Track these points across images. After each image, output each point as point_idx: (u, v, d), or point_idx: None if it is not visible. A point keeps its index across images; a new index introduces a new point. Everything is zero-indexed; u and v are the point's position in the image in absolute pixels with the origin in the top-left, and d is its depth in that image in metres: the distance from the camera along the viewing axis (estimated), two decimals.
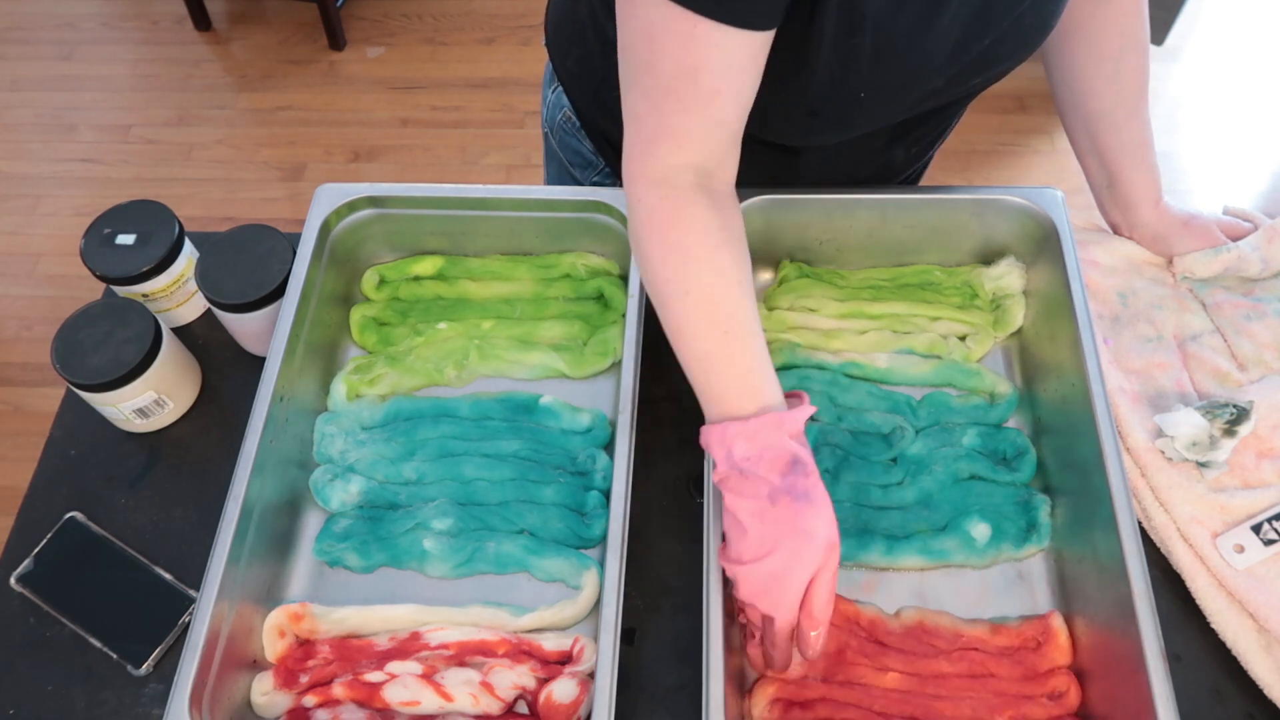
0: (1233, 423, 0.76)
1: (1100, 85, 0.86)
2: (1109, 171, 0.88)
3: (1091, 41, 0.85)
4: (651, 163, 0.67)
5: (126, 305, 0.83)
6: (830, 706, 0.70)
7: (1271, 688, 0.70)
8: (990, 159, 2.20)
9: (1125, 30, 0.83)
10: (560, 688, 0.69)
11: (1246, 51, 2.38)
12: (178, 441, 0.86)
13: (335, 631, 0.74)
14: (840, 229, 0.88)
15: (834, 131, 0.77)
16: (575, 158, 1.02)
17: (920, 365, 0.86)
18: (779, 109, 0.74)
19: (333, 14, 2.37)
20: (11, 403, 1.88)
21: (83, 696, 0.74)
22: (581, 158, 1.01)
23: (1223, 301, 0.88)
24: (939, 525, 0.78)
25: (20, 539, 0.81)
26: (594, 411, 0.84)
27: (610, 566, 0.68)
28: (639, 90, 0.66)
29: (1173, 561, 0.76)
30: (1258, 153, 2.19)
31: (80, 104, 2.37)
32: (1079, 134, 0.90)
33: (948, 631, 0.73)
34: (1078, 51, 0.86)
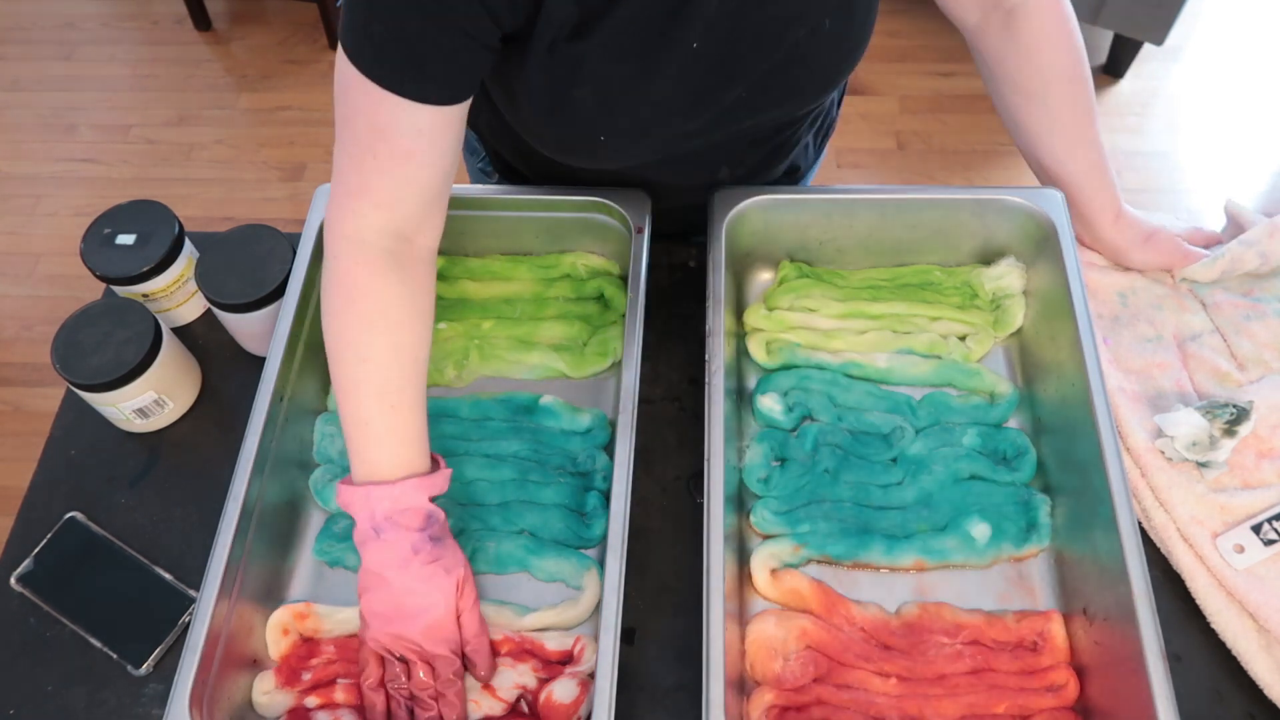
0: (1232, 423, 0.76)
1: (1031, 121, 0.86)
2: (1064, 192, 0.86)
3: (1010, 81, 0.85)
4: (350, 220, 0.69)
5: (126, 305, 0.83)
6: (829, 710, 0.70)
7: (1271, 688, 0.70)
8: (990, 159, 2.20)
9: (1044, 67, 0.83)
10: (560, 688, 0.69)
11: (1246, 51, 2.38)
12: (178, 441, 0.86)
13: (339, 631, 0.74)
14: (840, 229, 0.88)
15: (598, 162, 0.78)
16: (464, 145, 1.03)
17: (920, 365, 0.86)
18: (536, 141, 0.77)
19: (333, 14, 2.37)
20: (11, 403, 1.88)
21: (83, 696, 0.74)
22: (467, 144, 1.03)
23: (1222, 301, 0.88)
24: (939, 525, 0.78)
25: (20, 539, 0.81)
26: (594, 412, 0.84)
27: (610, 566, 0.68)
28: (342, 145, 0.68)
29: (1173, 561, 0.76)
30: (1258, 153, 2.19)
31: (80, 104, 2.37)
32: (1036, 168, 0.90)
33: (948, 623, 0.73)
34: (1001, 90, 0.87)
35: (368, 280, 0.69)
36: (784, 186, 0.85)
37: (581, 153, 0.76)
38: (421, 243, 0.72)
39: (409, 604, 0.68)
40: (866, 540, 0.76)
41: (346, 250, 0.69)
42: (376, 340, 0.69)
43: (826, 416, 0.83)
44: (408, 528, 0.68)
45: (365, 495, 0.68)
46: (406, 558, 0.67)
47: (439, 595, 0.68)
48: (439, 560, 0.68)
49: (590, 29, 0.66)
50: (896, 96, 2.31)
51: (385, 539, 0.67)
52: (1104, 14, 2.09)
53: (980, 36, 0.86)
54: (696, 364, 0.83)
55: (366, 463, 0.69)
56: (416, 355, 0.71)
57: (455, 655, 0.69)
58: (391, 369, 0.69)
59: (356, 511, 0.68)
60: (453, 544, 0.71)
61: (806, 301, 0.88)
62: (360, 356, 0.69)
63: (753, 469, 0.80)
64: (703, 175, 0.86)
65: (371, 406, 0.69)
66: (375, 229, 0.68)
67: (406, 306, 0.70)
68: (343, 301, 0.69)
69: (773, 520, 0.78)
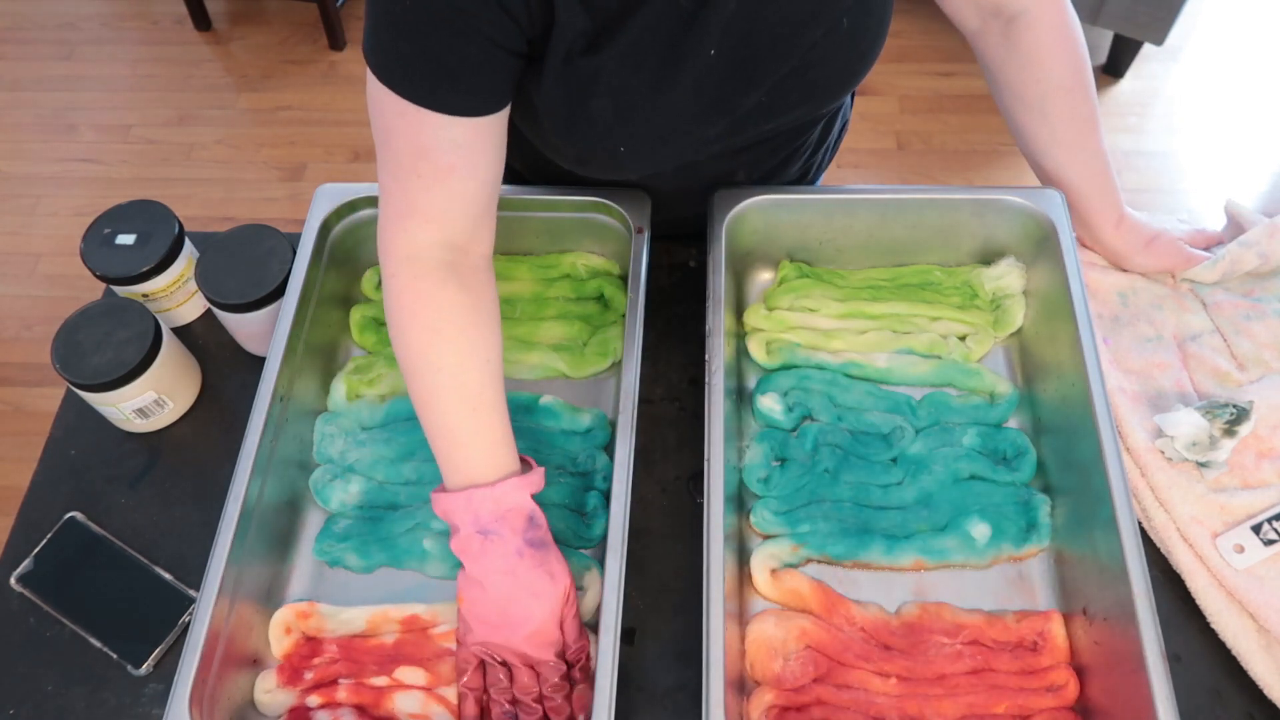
0: (1232, 423, 0.76)
1: (1032, 128, 0.86)
2: (1066, 196, 0.86)
3: (1009, 88, 0.85)
4: (402, 239, 0.69)
5: (126, 305, 0.83)
6: (829, 710, 0.70)
7: (1271, 688, 0.70)
8: (990, 159, 2.20)
9: (1042, 78, 0.82)
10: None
11: (1246, 51, 2.38)
12: (178, 441, 0.86)
13: (342, 631, 0.74)
14: (840, 229, 0.88)
15: (617, 173, 0.78)
16: None
17: (920, 365, 0.86)
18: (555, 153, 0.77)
19: (333, 14, 2.37)
20: (11, 403, 1.88)
21: (83, 696, 0.74)
22: None
23: (1222, 301, 0.88)
24: (939, 525, 0.78)
25: (20, 539, 0.81)
26: (594, 412, 0.84)
27: (610, 566, 0.68)
28: (384, 167, 0.68)
29: (1173, 561, 0.76)
30: (1258, 153, 2.19)
31: (80, 104, 2.37)
32: (1039, 172, 0.89)
33: (948, 623, 0.73)
34: (1002, 95, 0.87)
35: (428, 292, 0.68)
36: (784, 186, 0.85)
37: (601, 164, 0.76)
38: (476, 251, 0.71)
39: (514, 611, 0.67)
40: (866, 540, 0.76)
41: (403, 269, 0.69)
42: (445, 347, 0.68)
43: (826, 416, 0.83)
44: (512, 531, 0.67)
45: (467, 499, 0.67)
46: (513, 562, 0.67)
47: (544, 602, 0.67)
48: (544, 565, 0.68)
49: (605, 41, 0.66)
50: (896, 96, 2.31)
51: (491, 542, 0.67)
52: (1104, 14, 2.09)
53: (980, 42, 0.86)
54: (696, 364, 0.83)
55: (460, 469, 0.69)
56: (489, 357, 0.70)
57: (560, 661, 0.69)
58: (466, 373, 0.69)
59: (459, 517, 0.68)
60: (555, 548, 0.70)
61: (806, 301, 0.88)
62: (433, 367, 0.68)
63: (753, 469, 0.80)
64: (718, 181, 0.85)
65: (453, 413, 0.68)
66: (428, 244, 0.68)
67: (470, 312, 0.70)
68: (407, 316, 0.69)
69: (773, 520, 0.78)
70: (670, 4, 0.65)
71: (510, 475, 0.69)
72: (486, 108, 0.65)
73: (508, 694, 0.68)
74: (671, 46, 0.67)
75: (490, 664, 0.69)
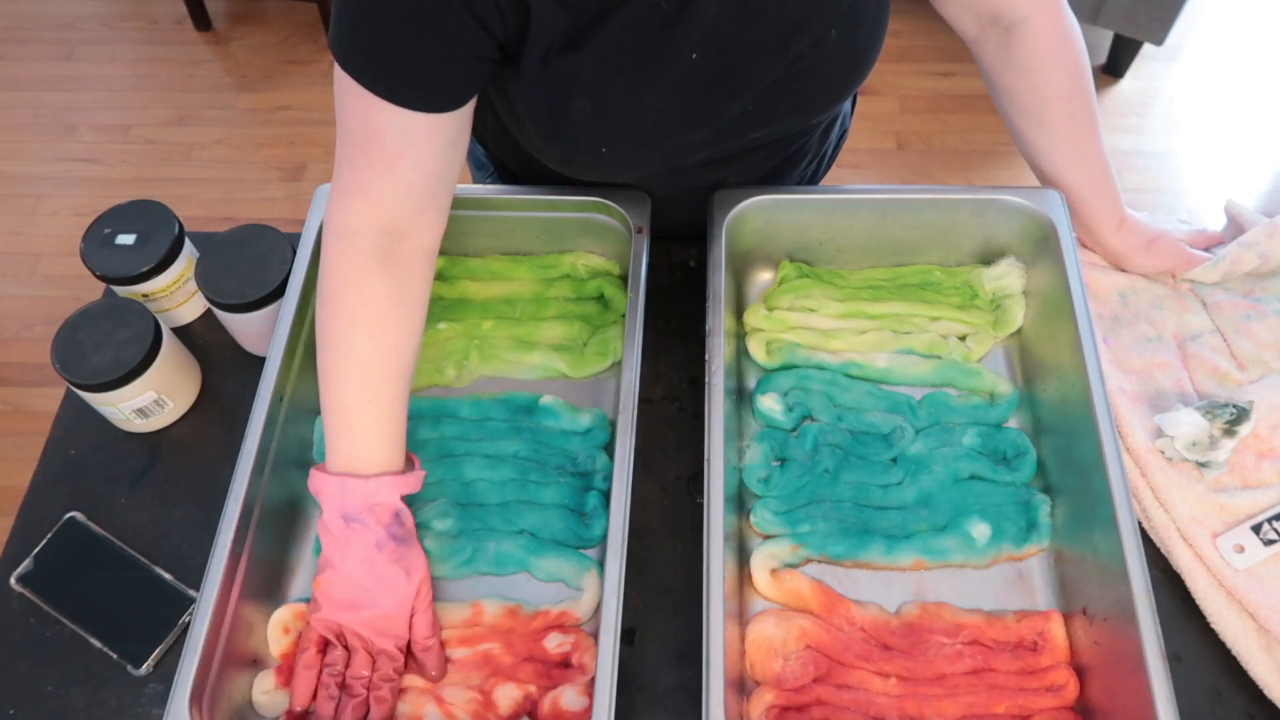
0: (1233, 423, 0.76)
1: (1031, 134, 0.86)
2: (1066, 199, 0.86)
3: (1008, 94, 0.85)
4: (342, 215, 0.70)
5: (126, 305, 0.83)
6: (829, 710, 0.70)
7: (1271, 688, 0.70)
8: (990, 159, 2.20)
9: (1040, 86, 0.82)
10: (566, 696, 0.69)
11: (1246, 51, 2.38)
12: (178, 441, 0.86)
13: None
14: (840, 229, 0.88)
15: (603, 175, 0.79)
16: (471, 159, 1.04)
17: (920, 365, 0.86)
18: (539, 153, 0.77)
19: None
20: (11, 403, 1.88)
21: (83, 696, 0.74)
22: (475, 160, 1.03)
23: (1223, 301, 0.88)
24: (939, 525, 0.78)
25: (20, 539, 0.81)
26: (594, 412, 0.84)
27: (610, 566, 0.68)
28: (339, 140, 0.69)
29: (1173, 561, 0.76)
30: (1258, 153, 2.19)
31: (80, 104, 2.37)
32: (1031, 167, 0.90)
33: (948, 623, 0.73)
34: (1001, 101, 0.87)
35: (354, 275, 0.69)
36: (784, 186, 0.85)
37: (585, 165, 0.76)
38: (415, 242, 0.72)
39: (363, 597, 0.69)
40: (866, 540, 0.76)
41: (337, 244, 0.70)
42: (358, 335, 0.69)
43: (826, 416, 0.83)
44: (376, 523, 0.69)
45: (340, 485, 0.69)
46: (370, 553, 0.68)
47: (394, 594, 0.69)
48: (400, 560, 0.70)
49: (584, 40, 0.66)
50: (896, 96, 2.31)
51: (353, 530, 0.68)
52: (1104, 14, 2.09)
53: (979, 49, 0.86)
54: (696, 364, 0.83)
55: (342, 454, 0.70)
56: (400, 352, 0.71)
57: (399, 652, 0.70)
58: (372, 364, 0.70)
59: (327, 500, 0.69)
60: (416, 546, 0.72)
61: (806, 301, 0.88)
62: (343, 350, 0.70)
63: (753, 469, 0.80)
64: (708, 187, 0.85)
65: (351, 400, 0.69)
66: (365, 224, 0.69)
67: (392, 303, 0.70)
68: (330, 293, 0.70)
69: (773, 520, 0.78)
70: (651, 6, 0.65)
71: (387, 473, 0.70)
72: (440, 105, 0.65)
73: (339, 676, 0.69)
74: (651, 48, 0.67)
75: (331, 644, 0.70)
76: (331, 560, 0.70)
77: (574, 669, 0.71)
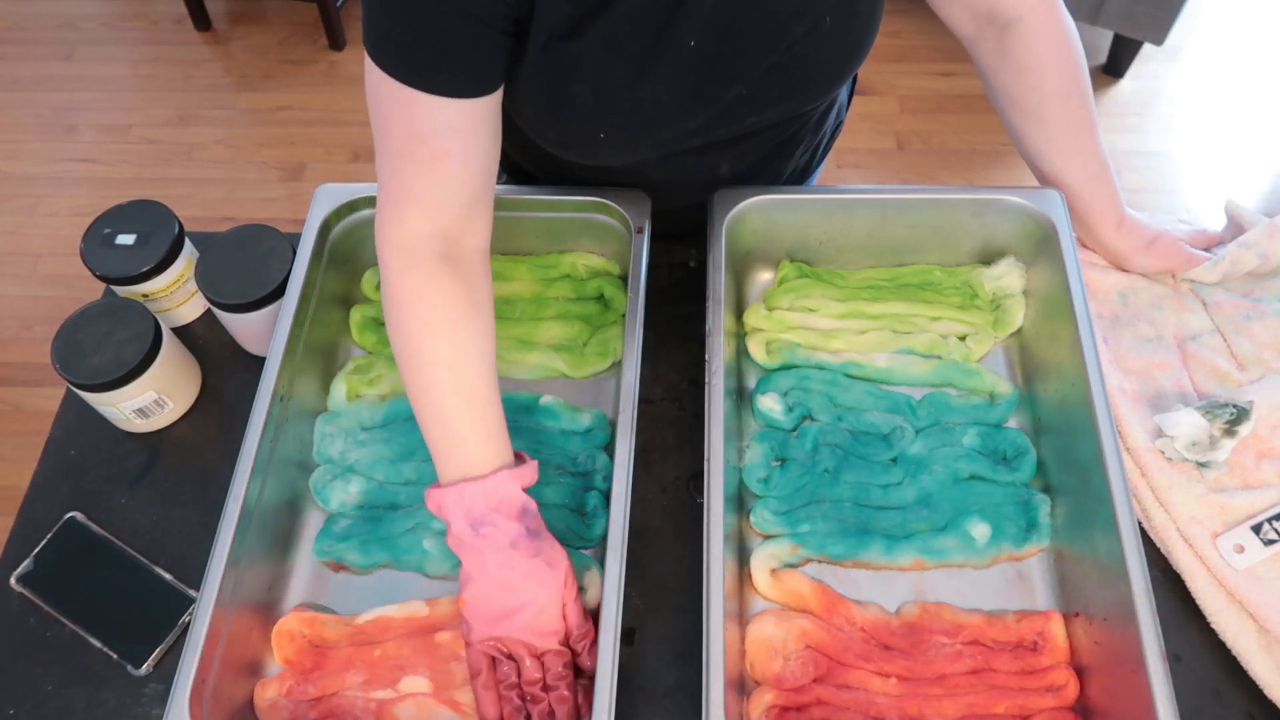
0: (1233, 423, 0.76)
1: (1029, 134, 0.86)
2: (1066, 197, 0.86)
3: (1005, 94, 0.86)
4: (399, 229, 0.69)
5: (126, 305, 0.83)
6: (829, 710, 0.70)
7: (1271, 688, 0.70)
8: (990, 159, 2.20)
9: (1037, 86, 0.83)
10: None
11: (1246, 51, 2.38)
12: (178, 441, 0.86)
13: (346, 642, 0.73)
14: (840, 229, 0.88)
15: (600, 159, 0.78)
16: None
17: (920, 365, 0.86)
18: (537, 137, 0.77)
19: (333, 14, 2.37)
20: (11, 403, 1.88)
21: (83, 696, 0.74)
22: None
23: (1223, 301, 0.88)
24: (939, 525, 0.78)
25: (20, 539, 0.81)
26: (594, 412, 0.84)
27: (610, 566, 0.68)
28: (382, 157, 0.68)
29: (1173, 561, 0.76)
30: (1258, 153, 2.19)
31: (80, 104, 2.37)
32: (1030, 167, 0.90)
33: (948, 624, 0.73)
34: (999, 101, 0.87)
35: (422, 284, 0.69)
36: (784, 186, 0.85)
37: (581, 149, 0.76)
38: (470, 243, 0.72)
39: (512, 601, 0.67)
40: (866, 540, 0.76)
41: (398, 259, 0.69)
42: (439, 341, 0.69)
43: (826, 416, 0.83)
44: (506, 521, 0.67)
45: (459, 493, 0.67)
46: (507, 554, 0.67)
47: (543, 589, 0.67)
48: (540, 554, 0.68)
49: (586, 26, 0.66)
50: (896, 96, 2.31)
51: (484, 535, 0.67)
52: (1104, 14, 2.09)
53: (976, 49, 0.86)
54: (696, 364, 0.83)
55: (453, 462, 0.69)
56: (483, 350, 0.70)
57: (564, 648, 0.69)
58: (460, 367, 0.69)
59: (451, 512, 0.68)
60: (550, 536, 0.70)
61: (806, 301, 0.88)
62: (429, 360, 0.69)
63: (753, 469, 0.80)
64: (704, 173, 0.86)
65: (448, 406, 0.68)
66: (422, 234, 0.69)
67: (464, 305, 0.70)
68: (403, 309, 0.69)
69: (773, 520, 0.78)
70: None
71: (502, 468, 0.68)
72: (478, 89, 0.66)
73: (516, 688, 0.68)
74: (651, 36, 0.68)
75: (499, 659, 0.69)
76: (471, 573, 0.68)
77: None
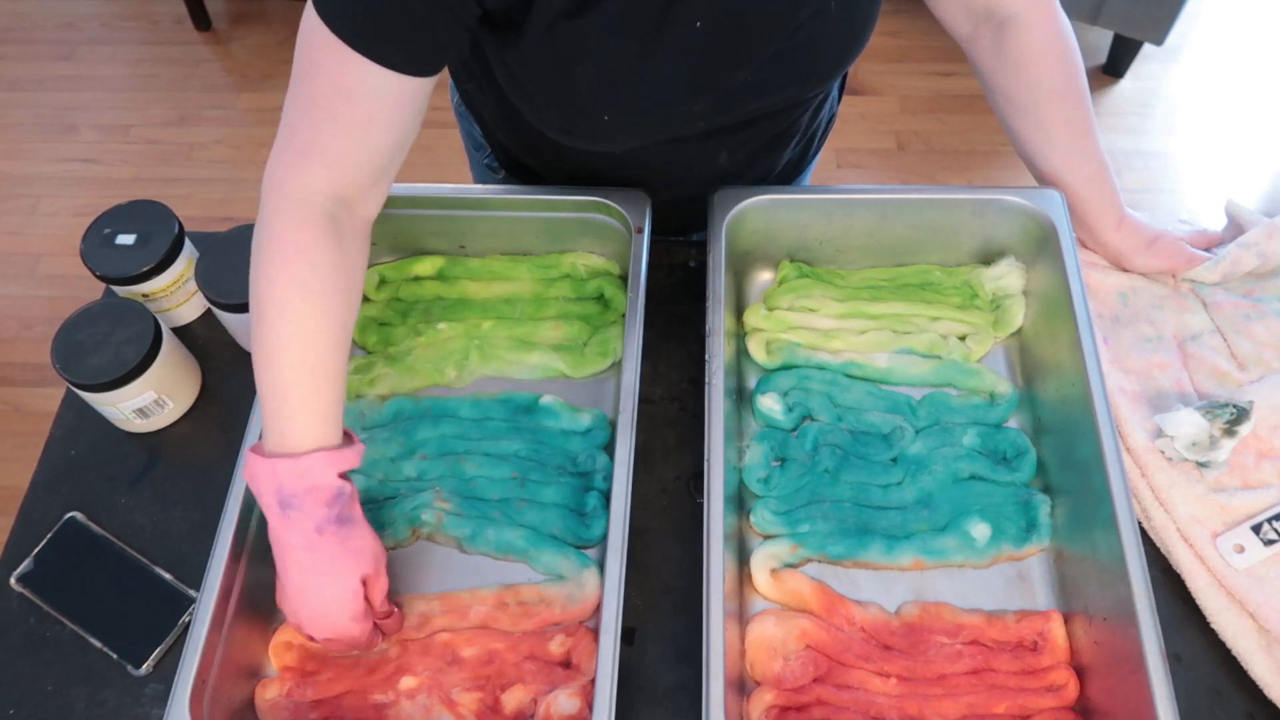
0: (1233, 423, 0.76)
1: (1026, 133, 0.86)
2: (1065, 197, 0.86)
3: (1002, 93, 0.86)
4: (295, 178, 0.67)
5: (126, 305, 0.83)
6: (829, 710, 0.70)
7: (1271, 688, 0.70)
8: (990, 159, 2.20)
9: (1034, 84, 0.83)
10: (563, 703, 0.69)
11: (1246, 51, 2.38)
12: (178, 441, 0.86)
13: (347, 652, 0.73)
14: (840, 229, 0.88)
15: (601, 144, 0.78)
16: (468, 139, 1.03)
17: (920, 365, 0.86)
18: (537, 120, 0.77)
19: None
20: (11, 403, 1.88)
21: (83, 696, 0.74)
22: (473, 139, 1.02)
23: (1223, 301, 0.88)
24: (939, 525, 0.78)
25: (20, 539, 0.81)
26: (594, 412, 0.84)
27: (610, 566, 0.68)
28: (296, 102, 0.66)
29: (1173, 561, 0.76)
30: (1258, 153, 2.19)
31: (80, 104, 2.37)
32: (1028, 167, 0.90)
33: (948, 624, 0.73)
34: (996, 100, 0.87)
35: (306, 243, 0.66)
36: (784, 186, 0.85)
37: (584, 133, 0.76)
38: (362, 212, 0.71)
39: (312, 590, 0.66)
40: (866, 540, 0.76)
41: (287, 209, 0.67)
42: (306, 305, 0.66)
43: (826, 416, 0.83)
44: (315, 504, 0.65)
45: (271, 469, 0.65)
46: (312, 540, 0.65)
47: (345, 579, 0.66)
48: (346, 542, 0.66)
49: (590, 5, 0.66)
50: (896, 96, 2.31)
51: (290, 517, 0.65)
52: (1104, 14, 2.09)
53: (972, 48, 0.86)
54: (696, 364, 0.83)
55: (277, 432, 0.66)
56: (344, 324, 0.69)
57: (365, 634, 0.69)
58: (318, 336, 0.67)
59: (262, 485, 0.65)
60: (363, 523, 0.68)
61: (806, 301, 0.88)
62: (288, 320, 0.66)
63: (753, 469, 0.80)
64: (703, 163, 0.86)
65: (292, 373, 0.66)
66: (320, 190, 0.67)
67: (340, 274, 0.68)
68: (277, 263, 0.66)
69: (772, 520, 0.78)
70: None
71: (321, 449, 0.66)
72: (421, 69, 0.65)
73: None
74: (657, 15, 0.67)
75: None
76: (277, 549, 0.66)
77: (573, 669, 0.71)
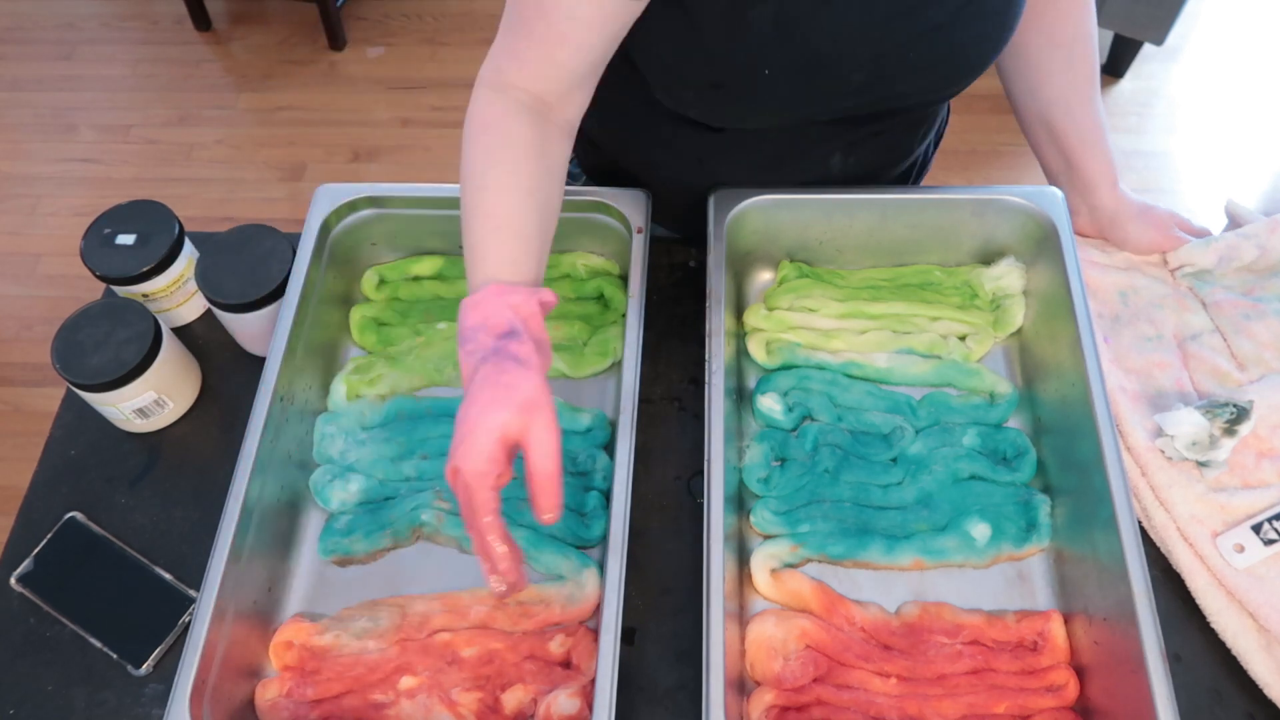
0: (1233, 422, 0.76)
1: (1055, 73, 0.87)
2: (1066, 157, 0.89)
3: (1046, 30, 0.86)
4: (496, 76, 0.71)
5: (126, 305, 0.83)
6: (829, 710, 0.70)
7: (1271, 687, 0.70)
8: (990, 159, 2.20)
9: (1077, 20, 0.85)
10: (562, 703, 0.69)
11: (1246, 51, 2.38)
12: (178, 441, 0.86)
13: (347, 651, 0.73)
14: (840, 229, 0.88)
15: (743, 109, 0.77)
16: None
17: (920, 365, 0.86)
18: (683, 75, 0.76)
19: (333, 14, 2.37)
20: (11, 403, 1.88)
21: (83, 696, 0.74)
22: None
23: (1223, 301, 0.88)
24: (939, 525, 0.78)
25: (20, 539, 0.81)
26: (594, 411, 0.84)
27: (610, 566, 0.68)
28: (507, 10, 0.69)
29: (1173, 561, 0.76)
30: (1258, 153, 2.19)
31: (80, 104, 2.37)
32: (1034, 124, 0.91)
33: (948, 624, 0.73)
34: (1030, 41, 0.87)
35: (498, 119, 0.69)
36: (784, 187, 0.85)
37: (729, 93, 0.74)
38: (561, 113, 0.72)
39: (462, 416, 0.63)
40: (866, 540, 0.76)
41: (486, 95, 0.70)
42: (493, 171, 0.68)
43: (826, 416, 0.83)
44: (486, 336, 0.64)
45: (463, 308, 0.66)
46: (473, 370, 0.63)
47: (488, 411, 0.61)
48: (501, 375, 0.62)
49: None
50: None
51: (465, 349, 0.64)
52: (1104, 14, 2.09)
53: None
54: (696, 364, 0.83)
55: (470, 286, 0.68)
56: (532, 188, 0.69)
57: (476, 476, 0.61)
58: (503, 198, 0.68)
59: (460, 322, 0.66)
60: (532, 369, 0.63)
61: (806, 301, 0.88)
62: (479, 185, 0.69)
63: (753, 469, 0.80)
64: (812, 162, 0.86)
65: (479, 229, 0.68)
66: (516, 87, 0.70)
67: (531, 148, 0.70)
68: (475, 133, 0.70)
69: (772, 520, 0.78)
70: None
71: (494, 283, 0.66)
72: None
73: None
74: None
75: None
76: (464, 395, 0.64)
77: (573, 669, 0.71)
